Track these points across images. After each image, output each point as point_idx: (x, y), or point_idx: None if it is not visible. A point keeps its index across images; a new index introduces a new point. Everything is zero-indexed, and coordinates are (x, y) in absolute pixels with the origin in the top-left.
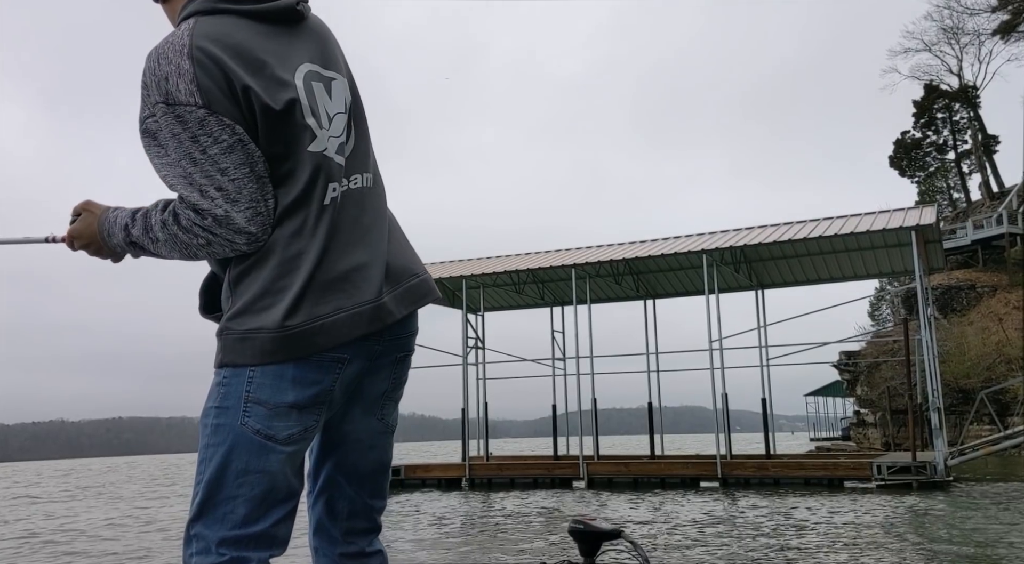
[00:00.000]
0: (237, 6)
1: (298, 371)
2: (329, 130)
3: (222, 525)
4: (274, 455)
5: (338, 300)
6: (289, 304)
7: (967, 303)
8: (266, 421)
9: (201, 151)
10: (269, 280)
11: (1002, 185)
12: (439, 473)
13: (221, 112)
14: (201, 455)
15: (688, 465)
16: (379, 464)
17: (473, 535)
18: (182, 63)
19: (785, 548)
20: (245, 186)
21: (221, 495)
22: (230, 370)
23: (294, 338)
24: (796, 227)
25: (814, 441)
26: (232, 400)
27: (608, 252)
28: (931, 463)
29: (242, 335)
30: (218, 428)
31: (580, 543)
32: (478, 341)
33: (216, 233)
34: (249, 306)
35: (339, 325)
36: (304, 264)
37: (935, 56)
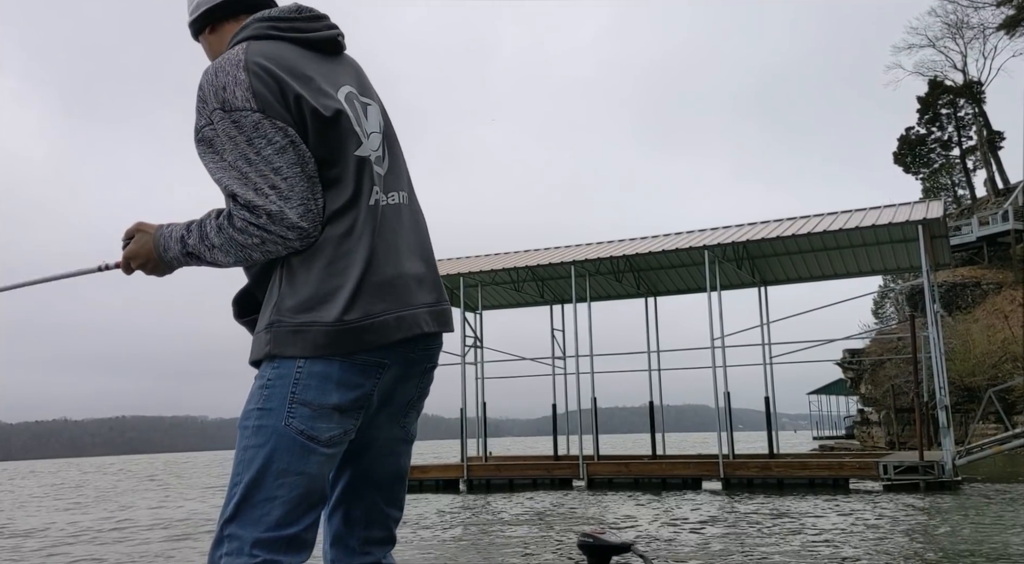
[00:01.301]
0: (286, 34)
1: (343, 373)
2: (369, 142)
3: (257, 526)
4: (315, 457)
5: (387, 302)
6: (346, 300)
7: (972, 300)
8: (310, 422)
9: (256, 152)
10: (323, 277)
11: (1007, 181)
12: (436, 474)
13: (274, 116)
14: (240, 457)
15: (690, 465)
16: (398, 473)
17: (468, 545)
18: (238, 74)
19: (791, 554)
20: (297, 184)
21: (259, 496)
22: (275, 371)
23: (348, 333)
24: (799, 222)
25: (817, 440)
26: (276, 402)
27: (608, 249)
28: (939, 463)
29: (296, 327)
30: (260, 430)
31: (589, 557)
32: (477, 340)
33: (270, 230)
34: (304, 300)
35: (389, 325)
36: (355, 264)
37: (939, 52)
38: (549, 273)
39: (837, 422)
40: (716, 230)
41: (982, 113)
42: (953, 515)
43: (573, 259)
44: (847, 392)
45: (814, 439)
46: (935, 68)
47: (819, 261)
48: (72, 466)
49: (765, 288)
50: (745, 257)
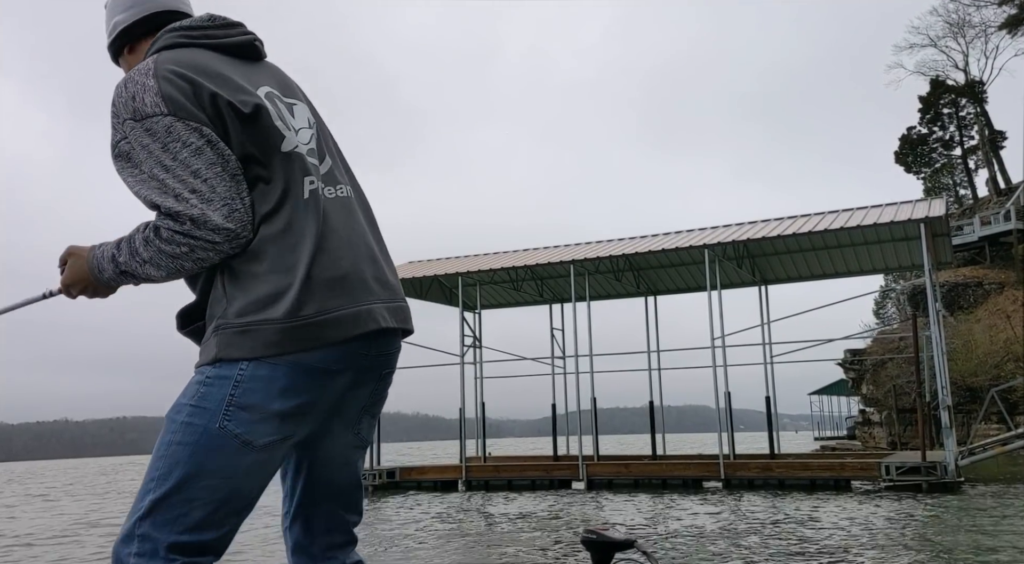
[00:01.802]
0: (199, 41)
1: (288, 379)
2: (297, 137)
3: (173, 527)
4: (247, 460)
5: (342, 298)
6: (297, 296)
7: (974, 300)
8: (248, 426)
9: (172, 157)
10: (269, 276)
11: (1009, 181)
12: (434, 475)
13: (187, 117)
14: (162, 451)
15: (690, 466)
16: (354, 480)
17: (465, 547)
18: (147, 82)
19: (795, 555)
20: (218, 184)
21: (180, 496)
22: (215, 370)
23: (303, 329)
24: (800, 221)
25: (818, 440)
26: (212, 402)
27: (608, 248)
28: (941, 463)
29: (243, 327)
30: (190, 427)
31: (593, 553)
32: (475, 340)
33: (196, 236)
34: (251, 302)
35: (345, 321)
36: (302, 259)
37: (941, 51)
38: (548, 272)
39: (838, 422)
40: (716, 229)
41: (984, 113)
42: (957, 516)
43: (572, 258)
44: (848, 392)
45: (815, 439)
46: (937, 68)
47: (820, 260)
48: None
49: (766, 287)
50: (745, 256)
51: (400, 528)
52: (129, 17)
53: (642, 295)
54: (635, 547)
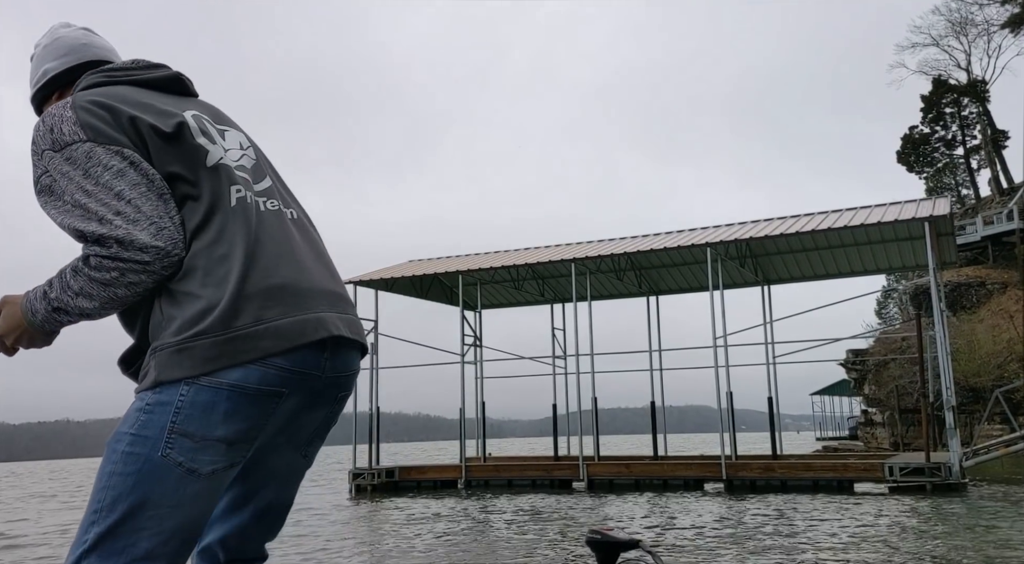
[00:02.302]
0: (121, 79)
1: (231, 403)
2: (225, 153)
3: (119, 559)
4: (192, 489)
5: (283, 306)
6: (230, 306)
7: (977, 300)
8: (191, 454)
9: (93, 182)
10: (201, 290)
11: (1011, 180)
12: (434, 475)
13: (107, 141)
14: (104, 482)
15: (692, 466)
16: (287, 501)
17: (463, 546)
18: (65, 113)
19: (799, 558)
20: (143, 204)
21: (125, 527)
22: (155, 395)
23: (239, 340)
24: (803, 220)
25: (820, 440)
26: (153, 430)
27: (609, 247)
28: (946, 464)
29: (179, 345)
30: (131, 457)
31: (597, 553)
32: (476, 339)
33: (124, 258)
34: (187, 319)
35: (284, 330)
36: (235, 268)
37: (943, 51)
38: (549, 271)
39: (840, 423)
40: (719, 227)
41: (986, 112)
42: (963, 518)
43: (573, 257)
44: (850, 393)
45: (817, 440)
46: (939, 67)
47: (823, 259)
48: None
49: (768, 287)
50: (748, 255)
51: (398, 528)
52: (62, 65)
53: (644, 295)
54: (639, 547)
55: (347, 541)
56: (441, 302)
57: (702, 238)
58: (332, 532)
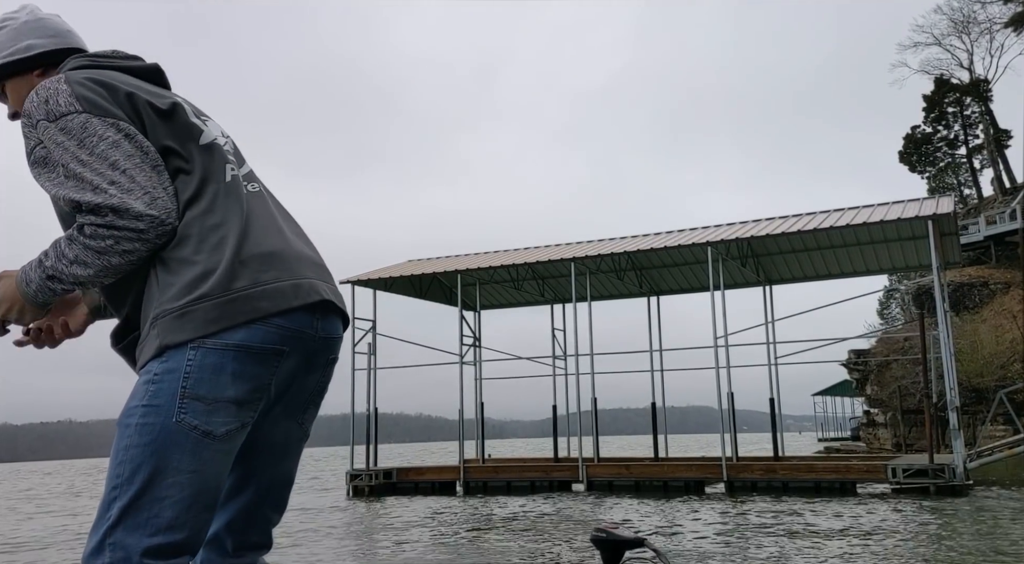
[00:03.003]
0: (105, 64)
1: (237, 364)
2: (217, 136)
3: (145, 530)
4: (209, 452)
5: (277, 270)
6: (227, 270)
7: (979, 300)
8: (205, 416)
9: (88, 152)
10: (197, 256)
11: (1014, 180)
12: (432, 476)
13: (103, 114)
14: (121, 457)
15: (692, 467)
16: (288, 475)
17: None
18: (60, 86)
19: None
20: (138, 175)
21: (148, 497)
22: (163, 364)
23: (240, 302)
24: (806, 219)
25: (822, 441)
26: (164, 397)
27: (609, 246)
28: (949, 466)
29: (181, 310)
30: (145, 427)
31: (602, 551)
32: (475, 339)
33: (119, 226)
34: (184, 285)
35: (284, 292)
36: (231, 235)
37: (945, 50)
38: (549, 271)
39: (842, 424)
40: (720, 227)
41: (989, 111)
42: (968, 520)
43: (573, 256)
44: (852, 393)
45: (819, 441)
46: (941, 66)
47: (825, 259)
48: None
49: (770, 287)
50: (750, 255)
51: (396, 532)
52: (53, 45)
53: (645, 295)
54: (645, 545)
55: (342, 543)
56: (440, 302)
57: (703, 237)
58: (326, 534)
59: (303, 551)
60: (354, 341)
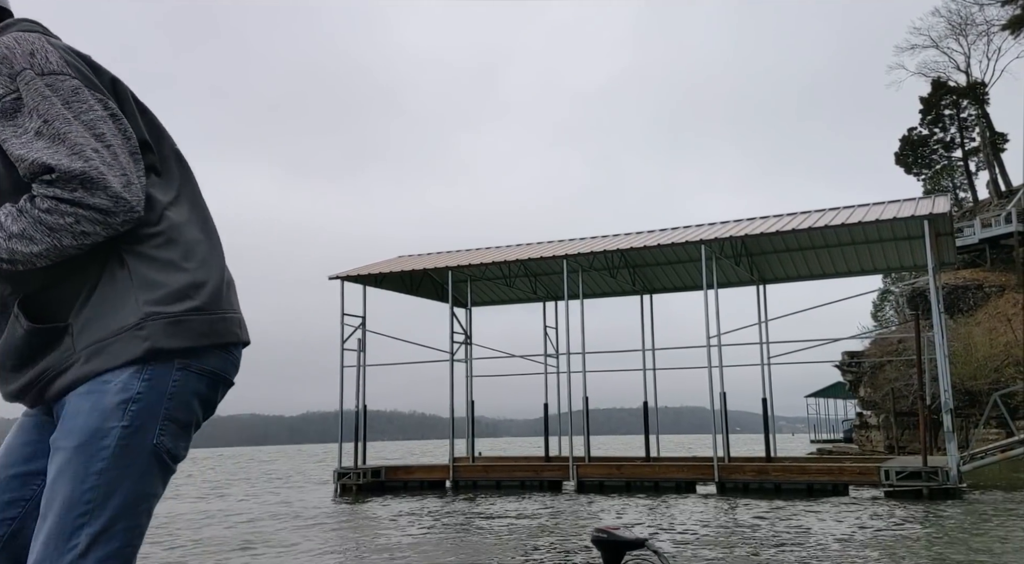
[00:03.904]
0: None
1: (209, 390)
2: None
3: (118, 560)
4: (168, 476)
5: (236, 301)
6: (218, 288)
7: (974, 303)
8: (175, 440)
9: (75, 115)
10: (185, 261)
11: (1010, 184)
12: (421, 475)
13: (93, 88)
14: (93, 481)
15: (684, 468)
16: None
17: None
18: (45, 44)
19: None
20: (121, 153)
21: (123, 524)
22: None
23: (227, 322)
24: (800, 217)
25: (815, 443)
26: (146, 418)
27: (602, 243)
28: (943, 469)
29: (178, 318)
30: (127, 450)
31: (603, 552)
32: (466, 337)
33: (86, 204)
34: (175, 288)
35: (242, 323)
36: (214, 251)
37: (942, 52)
38: (542, 268)
39: (835, 425)
40: (714, 225)
41: (985, 114)
42: (962, 524)
43: (566, 253)
44: (845, 395)
45: (811, 442)
46: (938, 69)
47: (820, 259)
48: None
49: (764, 286)
50: (744, 254)
51: (382, 531)
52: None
53: (638, 293)
54: (646, 546)
55: (326, 544)
56: (431, 299)
57: (696, 235)
58: (310, 534)
59: (289, 554)
60: (343, 337)
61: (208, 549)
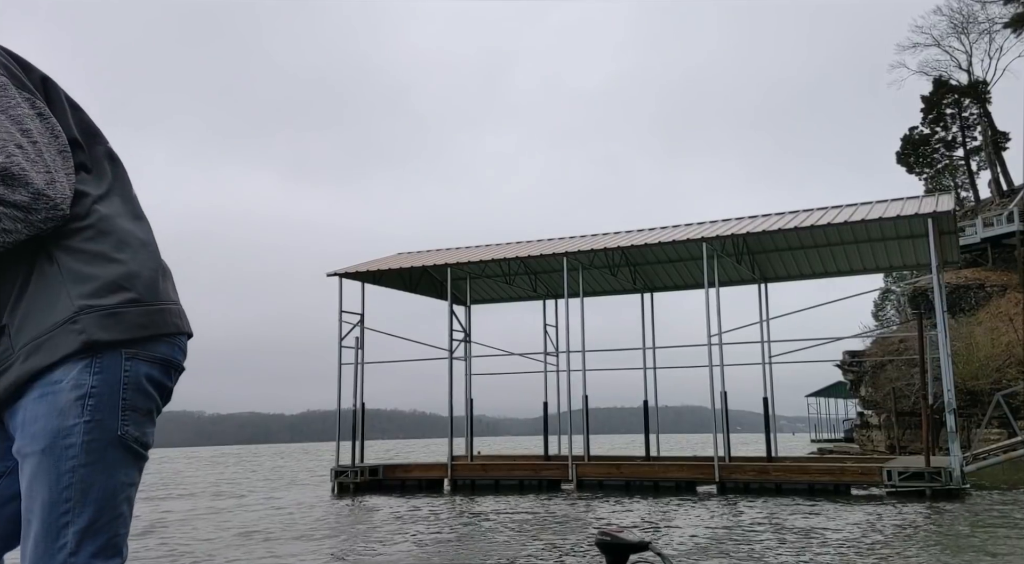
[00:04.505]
0: None
1: (163, 376)
2: None
3: (108, 552)
4: (142, 463)
5: (174, 292)
6: (155, 279)
7: (976, 302)
8: (141, 427)
9: (1, 110)
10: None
11: (1011, 183)
12: (419, 474)
13: (21, 87)
14: (67, 480)
15: (684, 468)
16: None
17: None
18: None
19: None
20: (46, 151)
21: (106, 516)
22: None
23: (166, 313)
24: (802, 215)
25: (816, 443)
26: (105, 411)
27: (603, 241)
28: (946, 469)
29: (112, 310)
30: (92, 444)
31: (607, 555)
32: (465, 335)
33: (8, 201)
34: (109, 280)
35: (183, 314)
36: (147, 243)
37: (944, 51)
38: (541, 265)
39: (836, 425)
40: (715, 223)
41: (987, 113)
42: (967, 525)
43: (566, 250)
44: (846, 395)
45: (812, 442)
46: (940, 68)
47: (822, 257)
48: None
49: (765, 285)
50: (745, 252)
51: (377, 531)
52: None
53: (638, 292)
54: (650, 548)
55: (320, 543)
56: (430, 296)
57: (698, 233)
58: (306, 532)
59: (279, 553)
60: (341, 335)
61: (200, 548)
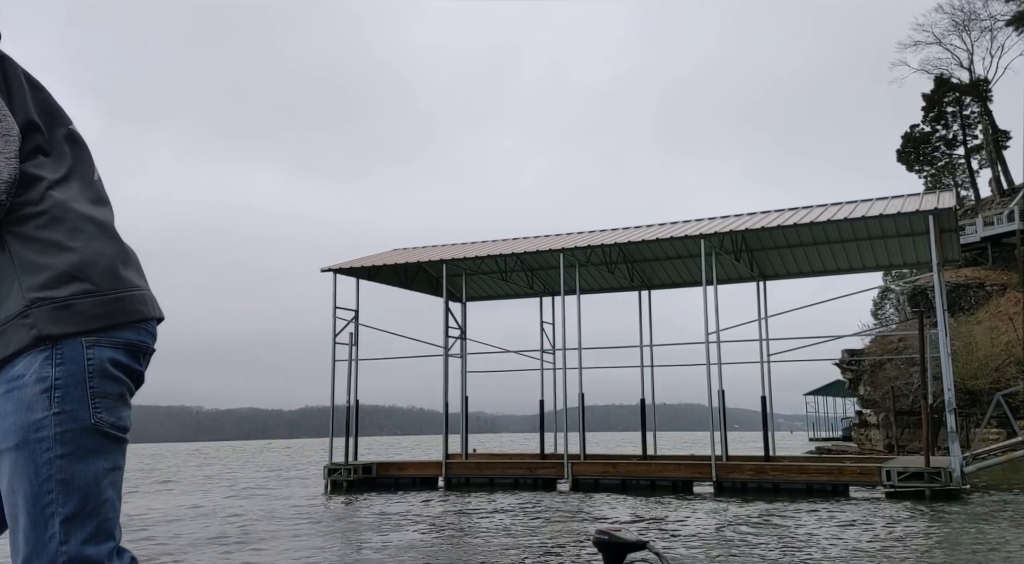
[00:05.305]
0: None
1: (131, 359)
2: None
3: (99, 537)
4: (124, 446)
5: (143, 280)
6: (112, 267)
7: (975, 301)
8: (114, 412)
9: None
10: (71, 239)
11: (1012, 182)
12: (413, 471)
13: None
14: (45, 473)
15: (681, 467)
16: None
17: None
18: None
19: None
20: None
21: (92, 503)
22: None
23: (125, 301)
24: (801, 212)
25: (813, 441)
26: (74, 402)
27: (600, 237)
28: (946, 470)
29: (64, 302)
30: (65, 435)
31: (604, 554)
32: (461, 331)
33: None
34: (61, 270)
35: (151, 300)
36: (106, 230)
37: (945, 49)
38: (538, 262)
39: (834, 424)
40: (714, 219)
41: (988, 112)
42: (968, 527)
43: (562, 247)
44: (845, 394)
45: (810, 441)
46: (941, 65)
47: (821, 255)
48: None
49: (764, 283)
50: (744, 249)
51: (370, 529)
52: None
53: (636, 289)
54: (647, 548)
55: (312, 542)
56: (426, 293)
57: (696, 230)
58: (298, 532)
59: (269, 553)
60: (335, 331)
61: (182, 547)
